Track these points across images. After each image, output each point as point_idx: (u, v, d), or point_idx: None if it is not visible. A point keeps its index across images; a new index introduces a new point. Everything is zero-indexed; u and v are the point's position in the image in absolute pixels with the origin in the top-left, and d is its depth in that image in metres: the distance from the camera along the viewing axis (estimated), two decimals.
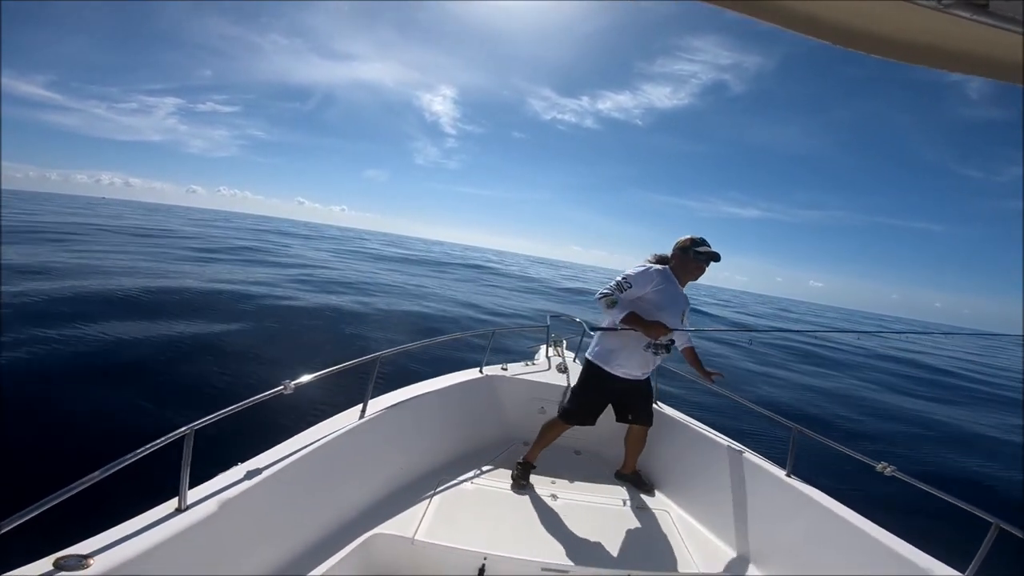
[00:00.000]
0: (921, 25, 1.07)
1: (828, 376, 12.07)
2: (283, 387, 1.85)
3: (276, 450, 1.98)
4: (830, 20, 1.15)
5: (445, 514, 2.35)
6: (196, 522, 1.46)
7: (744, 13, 1.17)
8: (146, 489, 1.61)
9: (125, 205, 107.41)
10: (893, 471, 2.04)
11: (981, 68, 1.15)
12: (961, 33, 1.04)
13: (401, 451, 2.63)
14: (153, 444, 1.41)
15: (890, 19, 1.08)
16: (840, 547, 2.05)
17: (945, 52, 1.16)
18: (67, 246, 15.45)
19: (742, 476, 2.61)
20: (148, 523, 1.39)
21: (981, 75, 1.17)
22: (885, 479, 2.06)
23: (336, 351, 6.89)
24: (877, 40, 1.18)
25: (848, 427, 7.61)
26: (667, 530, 2.53)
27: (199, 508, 1.51)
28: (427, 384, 3.03)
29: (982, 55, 1.12)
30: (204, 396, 4.79)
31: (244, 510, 1.65)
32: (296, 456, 1.96)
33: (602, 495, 2.80)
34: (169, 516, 1.44)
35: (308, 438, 2.13)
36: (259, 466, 1.82)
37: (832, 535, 2.11)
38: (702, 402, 5.64)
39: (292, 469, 1.91)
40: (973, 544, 1.71)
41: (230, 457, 1.84)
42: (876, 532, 1.99)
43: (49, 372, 4.80)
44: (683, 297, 2.59)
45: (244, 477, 1.73)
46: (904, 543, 1.92)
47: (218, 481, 1.68)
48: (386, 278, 19.18)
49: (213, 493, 1.60)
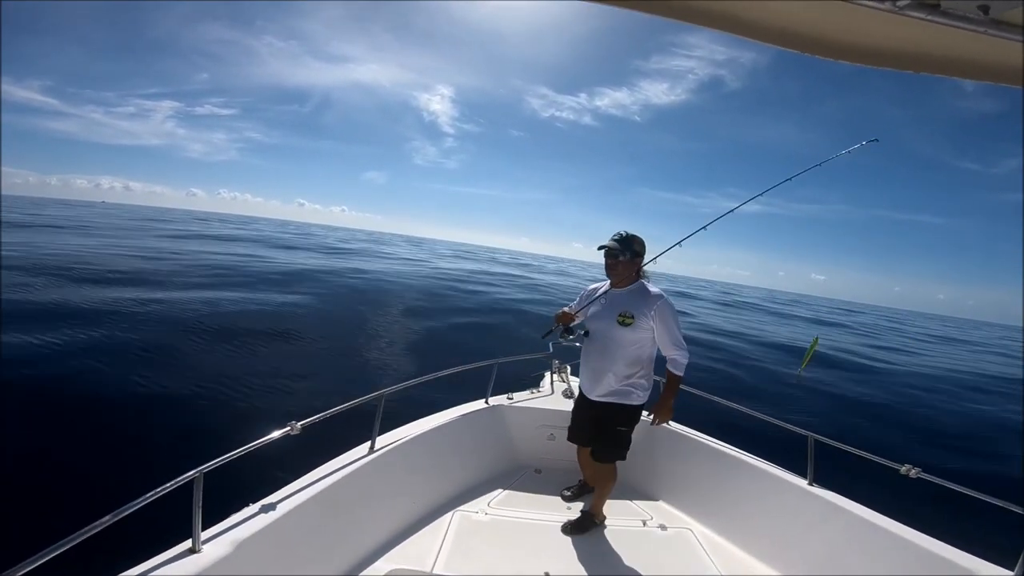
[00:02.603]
0: (884, 30, 1.14)
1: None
2: (290, 427, 1.85)
3: (287, 489, 1.95)
4: (797, 30, 1.22)
5: (462, 546, 2.29)
6: (210, 564, 1.43)
7: (718, 28, 1.24)
8: (159, 532, 1.58)
9: (128, 209, 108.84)
10: (919, 473, 2.00)
11: (950, 68, 1.22)
12: (925, 36, 1.11)
13: (413, 485, 2.58)
14: (163, 488, 1.40)
15: (856, 26, 1.15)
16: (875, 553, 1.99)
17: (911, 56, 1.23)
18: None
19: (764, 488, 2.54)
20: (160, 563, 1.37)
21: (951, 75, 1.24)
22: (911, 482, 2.01)
23: None
24: (845, 48, 1.25)
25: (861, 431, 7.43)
26: (691, 548, 2.44)
27: (212, 550, 1.48)
28: (434, 418, 3.01)
29: (948, 56, 1.19)
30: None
31: (257, 550, 1.61)
32: (308, 494, 1.93)
33: (621, 516, 2.72)
34: (182, 556, 1.41)
35: (319, 474, 2.09)
36: (270, 503, 1.79)
37: (865, 541, 2.04)
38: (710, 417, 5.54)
39: (304, 508, 1.88)
40: (1014, 541, 1.66)
41: (242, 497, 1.81)
42: (911, 535, 1.93)
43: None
44: (615, 297, 2.43)
45: (256, 516, 1.70)
46: (943, 544, 1.86)
47: (230, 521, 1.65)
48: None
49: (225, 532, 1.57)
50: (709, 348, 12.59)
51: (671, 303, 2.34)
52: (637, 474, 3.14)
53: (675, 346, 2.32)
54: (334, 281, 16.33)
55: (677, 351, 2.33)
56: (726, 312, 27.98)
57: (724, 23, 1.18)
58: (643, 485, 3.09)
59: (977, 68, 1.16)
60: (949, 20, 0.97)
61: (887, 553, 1.95)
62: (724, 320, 22.11)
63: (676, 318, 2.35)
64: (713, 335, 15.41)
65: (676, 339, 2.32)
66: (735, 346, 13.78)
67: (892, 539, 1.96)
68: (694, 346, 2.69)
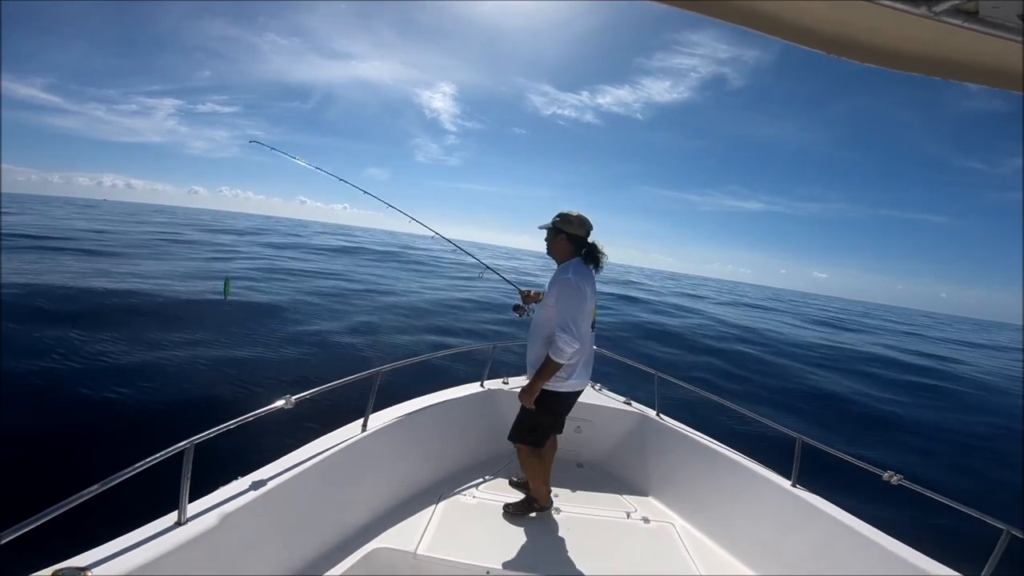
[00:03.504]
0: (915, 34, 1.10)
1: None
2: (284, 401, 1.85)
3: (277, 463, 1.96)
4: (822, 30, 1.18)
5: (447, 528, 2.32)
6: (195, 536, 1.44)
7: (738, 24, 1.19)
8: (146, 502, 1.59)
9: (128, 207, 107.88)
10: (900, 480, 2.03)
11: (980, 77, 1.18)
12: (957, 42, 1.07)
13: (403, 465, 2.60)
14: (153, 458, 1.40)
15: (884, 28, 1.11)
16: (850, 558, 2.02)
17: (940, 61, 1.19)
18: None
19: (747, 487, 2.58)
20: (147, 536, 1.37)
21: (980, 83, 1.20)
22: (892, 488, 2.04)
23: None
24: (871, 50, 1.21)
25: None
26: (672, 542, 2.49)
27: (199, 522, 1.49)
28: (428, 398, 3.02)
29: (980, 64, 1.15)
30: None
31: (244, 524, 1.63)
32: (297, 470, 1.94)
33: (605, 508, 2.76)
34: (168, 529, 1.42)
35: (309, 451, 2.10)
36: (259, 479, 1.80)
37: (842, 546, 2.08)
38: (700, 412, 5.60)
39: (293, 483, 1.89)
40: (984, 550, 1.70)
41: (231, 470, 1.82)
42: (886, 542, 1.97)
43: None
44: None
45: (244, 490, 1.71)
46: (915, 552, 1.90)
47: (218, 495, 1.66)
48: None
49: (213, 506, 1.58)
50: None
51: (572, 283, 2.23)
52: (627, 469, 3.19)
53: (560, 328, 2.18)
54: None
55: (559, 333, 2.17)
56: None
57: (740, 18, 1.14)
58: (633, 480, 3.12)
59: (1010, 78, 1.12)
60: (986, 28, 0.93)
61: (862, 558, 1.98)
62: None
63: (570, 299, 2.21)
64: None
65: (562, 321, 2.18)
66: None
67: (867, 544, 1.99)
68: (694, 348, 2.67)
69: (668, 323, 16.24)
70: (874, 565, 1.93)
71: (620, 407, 3.40)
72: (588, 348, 2.40)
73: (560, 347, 2.16)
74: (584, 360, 2.38)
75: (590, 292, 2.30)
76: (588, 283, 2.30)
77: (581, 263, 2.37)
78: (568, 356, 2.19)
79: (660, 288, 40.63)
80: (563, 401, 2.43)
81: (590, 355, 2.44)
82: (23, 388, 4.63)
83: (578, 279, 2.25)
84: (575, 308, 2.22)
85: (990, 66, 1.11)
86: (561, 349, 2.17)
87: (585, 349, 2.35)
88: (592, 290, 2.33)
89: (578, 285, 2.23)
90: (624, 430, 3.33)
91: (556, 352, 2.17)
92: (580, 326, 2.22)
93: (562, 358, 2.19)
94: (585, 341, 2.33)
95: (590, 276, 2.36)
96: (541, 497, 2.58)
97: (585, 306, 2.27)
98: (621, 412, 3.37)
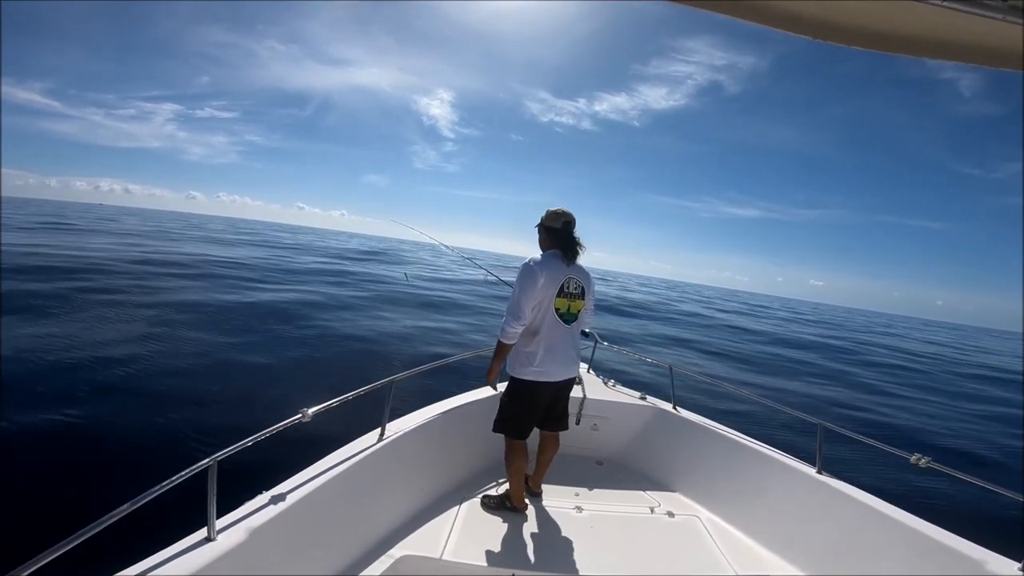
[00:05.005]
0: (913, 17, 1.09)
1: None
2: (301, 415, 1.87)
3: (299, 476, 1.98)
4: (819, 17, 1.17)
5: (471, 531, 2.33)
6: (225, 551, 1.46)
7: (734, 16, 1.19)
8: (175, 520, 1.62)
9: (127, 212, 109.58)
10: (928, 462, 1.98)
11: (978, 57, 1.16)
12: (956, 24, 1.05)
13: (422, 471, 2.61)
14: (178, 476, 1.42)
15: (883, 13, 1.10)
16: (882, 543, 1.98)
17: (941, 42, 1.17)
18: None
19: (771, 476, 2.54)
20: (179, 551, 1.40)
21: (979, 64, 1.18)
22: (920, 471, 2.00)
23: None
24: (869, 34, 1.19)
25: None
26: (699, 535, 2.47)
27: (227, 537, 1.51)
28: (443, 404, 3.03)
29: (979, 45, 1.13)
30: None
31: (272, 537, 1.65)
32: (320, 481, 1.96)
33: (628, 504, 2.75)
34: (198, 545, 1.45)
35: (329, 462, 2.12)
36: (282, 492, 1.82)
37: (873, 532, 2.04)
38: (719, 402, 5.53)
39: (317, 495, 1.91)
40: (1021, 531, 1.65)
41: (253, 485, 1.84)
42: (920, 526, 1.93)
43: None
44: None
45: (270, 504, 1.73)
46: (951, 535, 1.85)
47: (245, 509, 1.68)
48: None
49: (240, 520, 1.60)
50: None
51: (526, 269, 2.29)
52: (647, 464, 3.17)
53: (506, 309, 2.31)
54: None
55: (505, 315, 2.30)
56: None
57: (729, 8, 1.13)
58: (654, 475, 3.11)
59: (985, 53, 1.11)
60: (970, 7, 0.93)
61: (894, 543, 1.94)
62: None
63: (519, 284, 2.28)
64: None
65: (510, 305, 2.30)
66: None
67: (900, 528, 1.95)
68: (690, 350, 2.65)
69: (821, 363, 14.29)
70: (907, 548, 1.89)
71: (636, 402, 3.38)
72: (557, 339, 2.36)
73: (502, 326, 2.29)
74: (548, 349, 2.34)
75: (545, 279, 2.28)
76: (547, 270, 2.30)
77: (551, 253, 2.38)
78: (510, 337, 2.29)
79: (723, 305, 39.02)
80: (531, 390, 2.39)
81: (563, 347, 2.39)
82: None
83: (536, 264, 2.30)
84: (520, 290, 2.28)
85: (971, 43, 1.10)
86: (502, 328, 2.29)
87: (550, 339, 2.34)
88: (552, 278, 2.31)
89: (533, 269, 2.28)
90: (642, 425, 3.32)
91: (502, 332, 2.30)
92: (524, 308, 2.26)
93: (505, 338, 2.30)
94: (551, 330, 2.33)
95: (555, 265, 2.34)
96: (514, 494, 2.52)
97: (534, 291, 2.27)
98: (637, 407, 3.36)
